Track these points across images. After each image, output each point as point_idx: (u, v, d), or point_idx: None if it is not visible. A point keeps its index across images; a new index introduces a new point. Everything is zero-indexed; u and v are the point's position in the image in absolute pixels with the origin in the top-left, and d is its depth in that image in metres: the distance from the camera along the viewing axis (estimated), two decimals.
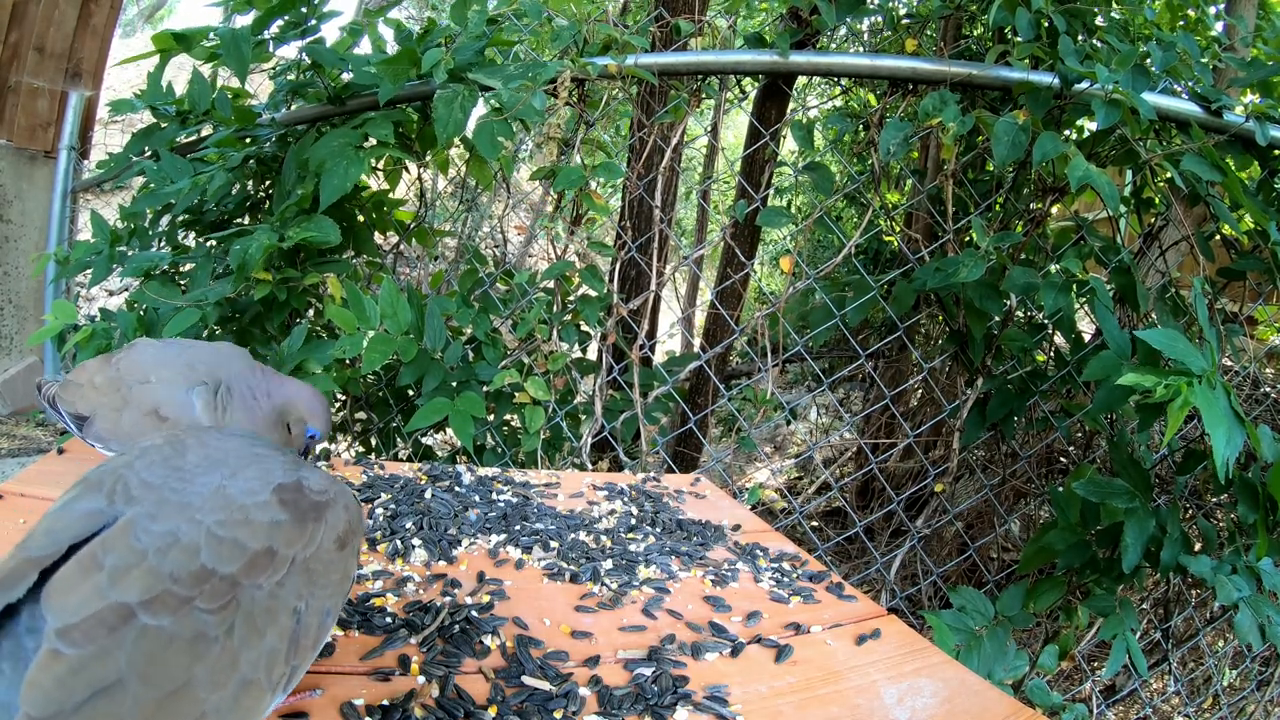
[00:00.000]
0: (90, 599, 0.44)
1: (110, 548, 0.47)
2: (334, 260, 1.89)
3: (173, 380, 0.98)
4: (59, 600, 0.44)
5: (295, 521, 0.53)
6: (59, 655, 0.42)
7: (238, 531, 0.50)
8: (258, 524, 0.51)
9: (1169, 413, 1.22)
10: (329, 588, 0.56)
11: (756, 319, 2.08)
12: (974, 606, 1.54)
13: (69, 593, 0.45)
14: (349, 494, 0.60)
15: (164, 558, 0.47)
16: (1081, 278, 1.72)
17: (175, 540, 0.48)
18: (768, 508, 3.43)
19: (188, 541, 0.48)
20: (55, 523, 0.49)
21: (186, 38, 1.88)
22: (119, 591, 0.45)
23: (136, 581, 0.46)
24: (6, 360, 2.81)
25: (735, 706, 0.71)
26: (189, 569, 0.47)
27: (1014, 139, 1.64)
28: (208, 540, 0.49)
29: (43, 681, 0.42)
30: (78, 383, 1.02)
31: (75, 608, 0.44)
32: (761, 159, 2.41)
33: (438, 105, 1.67)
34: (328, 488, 0.58)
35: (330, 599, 0.56)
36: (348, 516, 0.58)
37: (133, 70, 5.23)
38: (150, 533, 0.48)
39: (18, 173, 2.75)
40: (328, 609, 0.56)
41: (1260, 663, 2.14)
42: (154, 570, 0.46)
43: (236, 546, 0.50)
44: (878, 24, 3.16)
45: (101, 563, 0.46)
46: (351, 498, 0.60)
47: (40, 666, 0.42)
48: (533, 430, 1.81)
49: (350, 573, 0.59)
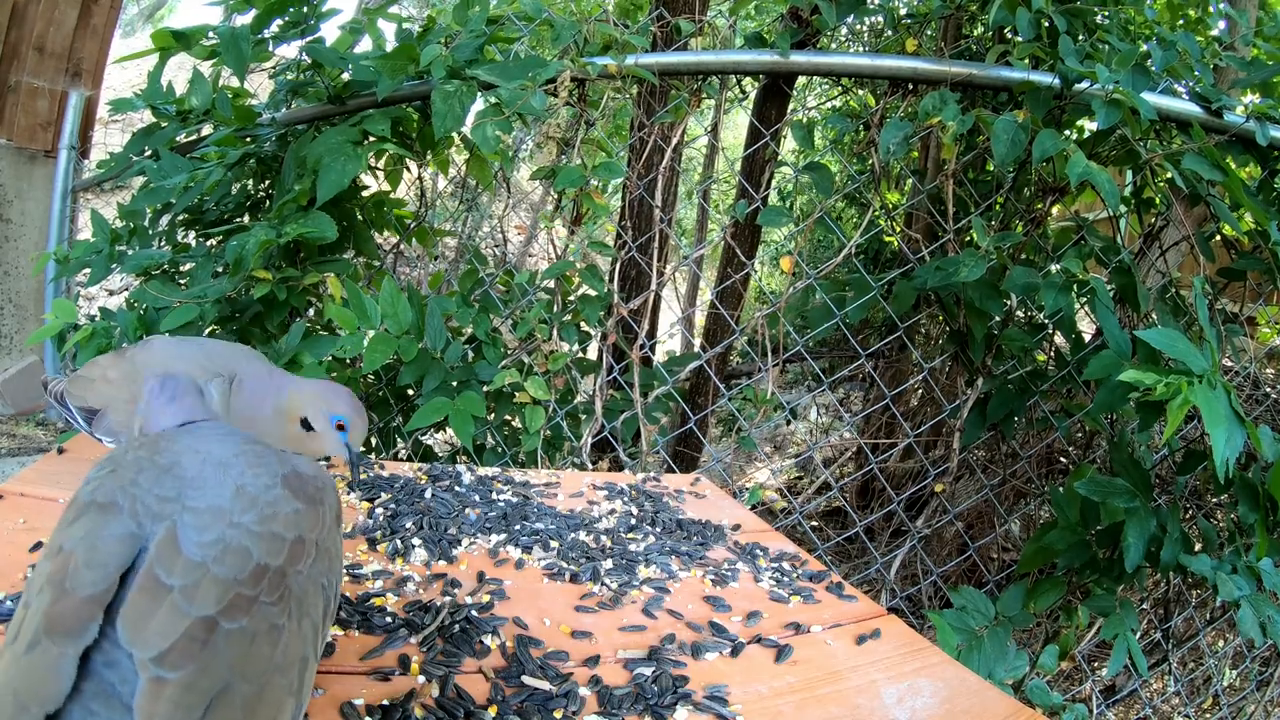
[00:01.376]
0: (172, 621, 0.46)
1: (169, 567, 0.48)
2: (334, 259, 1.89)
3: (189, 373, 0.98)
4: (139, 631, 0.45)
5: (309, 507, 0.57)
6: (165, 681, 0.43)
7: (273, 525, 0.53)
8: (285, 515, 0.54)
9: (1169, 411, 1.22)
10: (338, 561, 0.61)
11: (756, 319, 2.08)
12: (974, 606, 1.54)
13: (147, 621, 0.45)
14: (327, 473, 0.64)
15: (223, 564, 0.49)
16: (1082, 278, 1.72)
17: (226, 546, 0.50)
18: (768, 508, 3.43)
19: (236, 545, 0.50)
20: (92, 554, 0.48)
21: (186, 36, 1.88)
22: (197, 607, 0.46)
23: (208, 593, 0.47)
24: (6, 360, 2.81)
25: (735, 706, 0.71)
26: (248, 569, 0.50)
27: (1014, 137, 1.64)
28: (252, 539, 0.51)
29: (160, 709, 0.43)
30: (89, 378, 1.02)
31: (162, 632, 0.45)
32: (762, 159, 2.41)
33: (436, 100, 1.66)
34: (316, 471, 0.61)
35: (340, 572, 0.61)
36: (335, 495, 0.63)
37: (133, 70, 5.22)
38: (200, 544, 0.49)
39: (18, 172, 2.75)
40: (338, 580, 0.60)
41: (1260, 663, 2.14)
42: (219, 579, 0.48)
43: (276, 539, 0.52)
44: (878, 24, 3.16)
45: (167, 584, 0.47)
46: (330, 477, 0.64)
47: (151, 696, 0.43)
48: (533, 430, 1.81)
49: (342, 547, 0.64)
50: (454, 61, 1.74)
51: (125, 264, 1.84)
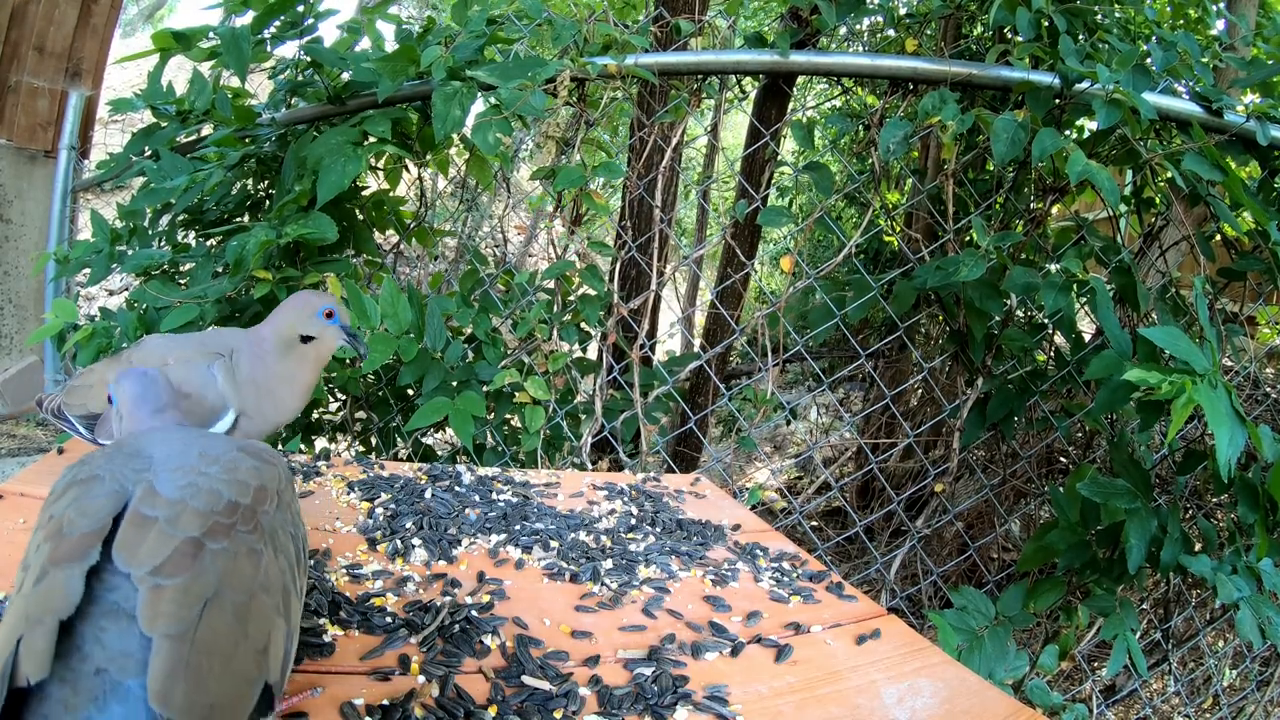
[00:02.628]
0: (162, 541, 0.51)
1: (152, 505, 0.54)
2: (334, 259, 1.89)
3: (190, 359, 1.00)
4: (133, 553, 0.51)
5: (266, 465, 0.63)
6: (163, 587, 0.49)
7: (236, 474, 0.60)
8: (245, 468, 0.61)
9: (1173, 410, 1.22)
10: (300, 522, 0.67)
11: (756, 319, 2.08)
12: (975, 606, 1.54)
13: (139, 545, 0.51)
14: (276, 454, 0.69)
15: (199, 500, 0.55)
16: (1082, 277, 1.72)
17: (198, 487, 0.56)
18: (768, 508, 3.43)
19: (208, 486, 0.57)
20: (84, 507, 0.53)
21: (186, 37, 1.88)
22: (182, 530, 0.52)
23: (190, 520, 0.53)
24: (6, 360, 2.81)
25: (735, 706, 0.71)
26: (221, 503, 0.56)
27: (1013, 136, 1.64)
28: (221, 483, 0.58)
29: (163, 609, 0.48)
30: (86, 385, 1.03)
31: (153, 551, 0.51)
32: (762, 159, 2.41)
33: (436, 101, 1.66)
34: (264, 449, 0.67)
35: (304, 534, 0.66)
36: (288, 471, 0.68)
37: (133, 70, 5.23)
38: (176, 486, 0.56)
39: (18, 172, 2.75)
40: (304, 540, 0.66)
41: (1260, 663, 2.14)
42: (197, 510, 0.54)
43: (242, 484, 0.59)
44: (878, 24, 3.16)
45: (153, 516, 0.53)
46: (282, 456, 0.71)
47: (152, 601, 0.48)
48: (533, 430, 1.81)
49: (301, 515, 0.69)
50: (454, 62, 1.74)
51: (125, 264, 1.84)
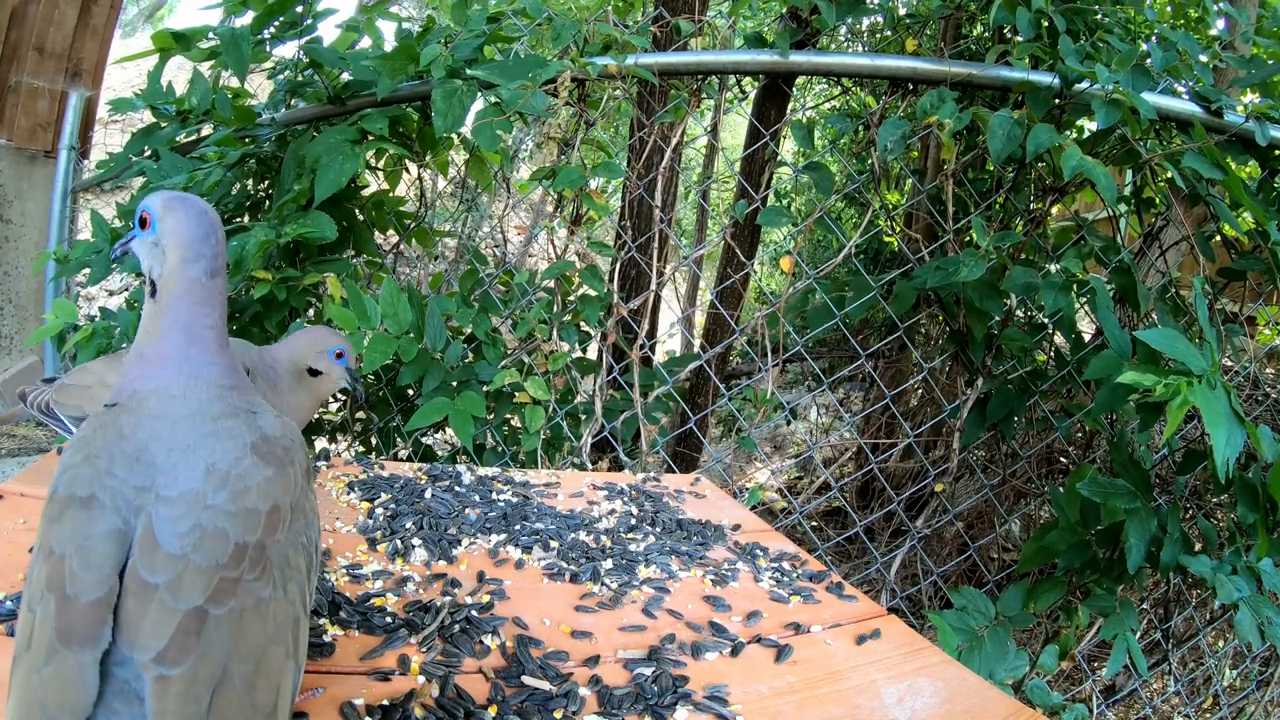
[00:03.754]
0: (163, 619, 0.47)
1: (151, 565, 0.49)
2: (334, 259, 1.89)
3: None
4: (134, 635, 0.47)
5: (279, 473, 0.58)
6: (168, 679, 0.45)
7: (245, 501, 0.54)
8: (257, 487, 0.55)
9: (1168, 412, 1.22)
10: (314, 516, 0.62)
11: (756, 319, 2.08)
12: (975, 606, 1.54)
13: (140, 623, 0.47)
14: (294, 427, 0.65)
15: (202, 552, 0.50)
16: (1082, 278, 1.72)
17: (203, 532, 0.51)
18: (768, 508, 3.43)
19: (213, 529, 0.51)
20: (86, 556, 0.49)
21: (185, 37, 1.88)
22: (184, 600, 0.48)
23: (193, 584, 0.49)
24: (6, 360, 2.81)
25: (735, 706, 0.70)
26: (227, 552, 0.51)
27: (1009, 132, 1.64)
28: (227, 520, 0.52)
29: (169, 706, 0.45)
30: (82, 385, 1.02)
31: (155, 632, 0.47)
32: (761, 159, 2.41)
33: (437, 98, 1.66)
34: (283, 430, 0.62)
35: (316, 526, 0.63)
36: (304, 451, 0.63)
37: (133, 70, 5.22)
38: (178, 535, 0.50)
39: (18, 173, 2.75)
40: (317, 535, 0.62)
41: (1260, 663, 2.14)
42: (201, 568, 0.49)
43: (251, 515, 0.54)
44: (878, 24, 3.16)
45: (153, 583, 0.48)
46: (298, 433, 0.65)
47: (159, 695, 0.45)
48: (533, 430, 1.81)
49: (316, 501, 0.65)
50: (453, 61, 1.74)
51: (125, 264, 1.83)
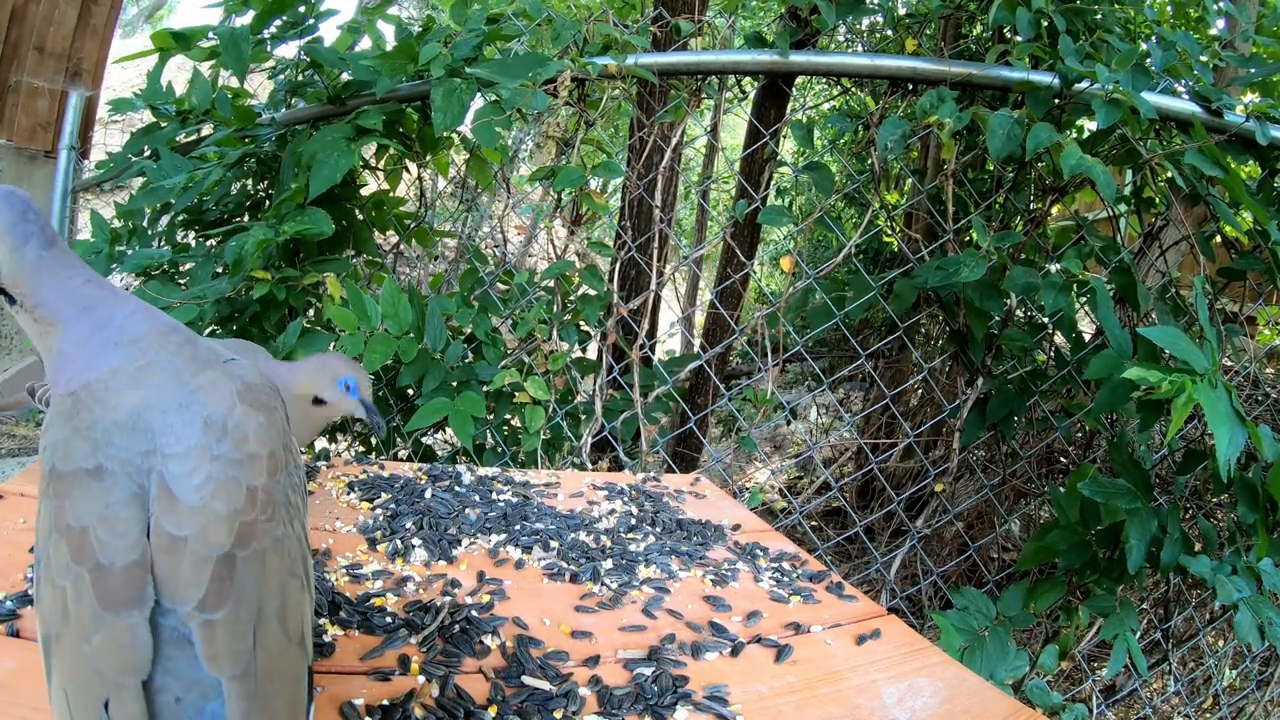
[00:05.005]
0: (199, 569, 0.49)
1: (176, 520, 0.51)
2: (334, 259, 1.89)
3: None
4: (174, 588, 0.48)
5: (269, 418, 0.59)
6: (213, 623, 0.48)
7: (246, 448, 0.56)
8: (253, 435, 0.57)
9: (1173, 409, 1.22)
10: (298, 457, 0.65)
11: (756, 319, 2.07)
12: (975, 607, 1.54)
13: (176, 576, 0.49)
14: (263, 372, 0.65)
15: (220, 500, 0.52)
16: (1082, 277, 1.72)
17: (216, 482, 0.53)
18: (768, 508, 3.43)
19: (224, 477, 0.53)
20: (112, 525, 0.50)
21: (185, 37, 1.88)
22: (213, 548, 0.50)
23: (218, 532, 0.51)
24: (6, 359, 2.81)
25: (735, 706, 0.70)
26: (241, 497, 0.53)
27: (1009, 131, 1.64)
28: (235, 467, 0.54)
29: (220, 649, 0.47)
30: None
31: (194, 582, 0.49)
32: (761, 159, 2.41)
33: (436, 96, 1.66)
34: (259, 378, 0.62)
35: (301, 465, 0.65)
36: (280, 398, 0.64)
37: (133, 70, 5.22)
38: (194, 487, 0.52)
39: (18, 173, 2.75)
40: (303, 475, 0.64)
41: (1260, 663, 2.14)
42: (221, 516, 0.51)
43: (254, 460, 0.56)
44: (877, 24, 3.16)
45: (180, 536, 0.50)
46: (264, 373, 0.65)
47: (208, 640, 0.47)
48: (533, 430, 1.80)
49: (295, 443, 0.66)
50: (453, 60, 1.74)
51: (125, 264, 1.84)
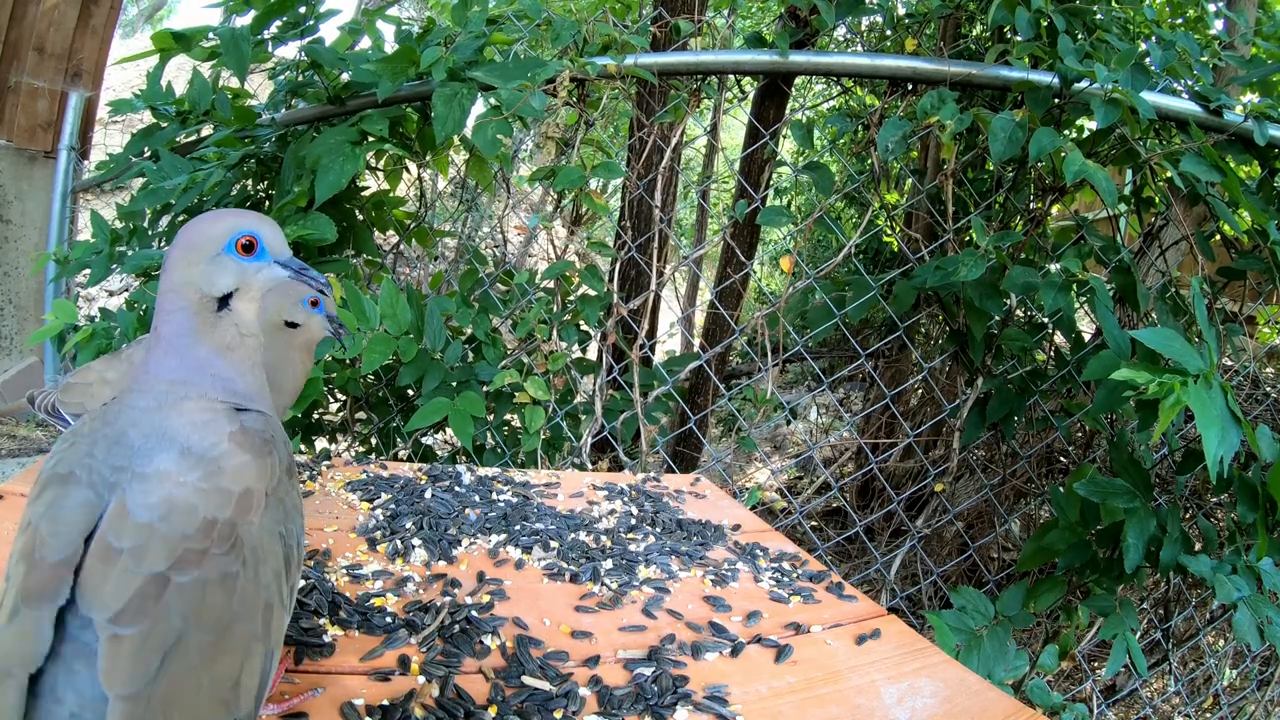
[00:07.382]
0: (124, 582, 0.47)
1: (119, 532, 0.49)
2: (334, 259, 1.89)
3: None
4: (95, 595, 0.47)
5: (257, 460, 0.57)
6: (121, 638, 0.46)
7: (218, 481, 0.54)
8: (230, 470, 0.55)
9: (1161, 411, 1.22)
10: (295, 512, 0.62)
11: (756, 319, 2.08)
12: (974, 606, 1.54)
13: (102, 585, 0.47)
14: (278, 425, 0.65)
15: (169, 523, 0.50)
16: (1081, 277, 1.72)
17: (173, 504, 0.51)
18: (768, 508, 3.43)
19: (183, 502, 0.52)
20: (56, 524, 0.50)
21: (186, 37, 1.88)
22: (147, 565, 0.48)
23: (157, 552, 0.49)
24: (6, 360, 2.81)
25: (735, 706, 0.71)
26: (194, 524, 0.51)
27: (1011, 135, 1.64)
28: (197, 496, 0.52)
29: (118, 665, 0.45)
30: (84, 383, 1.02)
31: (115, 594, 0.47)
32: (761, 159, 2.41)
33: (437, 103, 1.67)
34: (264, 426, 0.61)
35: (298, 522, 0.62)
36: (287, 449, 0.63)
37: (133, 70, 5.23)
38: (148, 506, 0.51)
39: (18, 173, 2.75)
40: (298, 531, 0.62)
41: (1260, 663, 2.14)
42: (167, 536, 0.50)
43: (223, 493, 0.54)
44: (877, 23, 3.16)
45: (118, 548, 0.49)
46: (280, 429, 0.64)
47: (110, 654, 0.45)
48: (533, 430, 1.81)
49: (300, 499, 0.64)
50: (454, 63, 1.74)
51: (125, 264, 1.84)
